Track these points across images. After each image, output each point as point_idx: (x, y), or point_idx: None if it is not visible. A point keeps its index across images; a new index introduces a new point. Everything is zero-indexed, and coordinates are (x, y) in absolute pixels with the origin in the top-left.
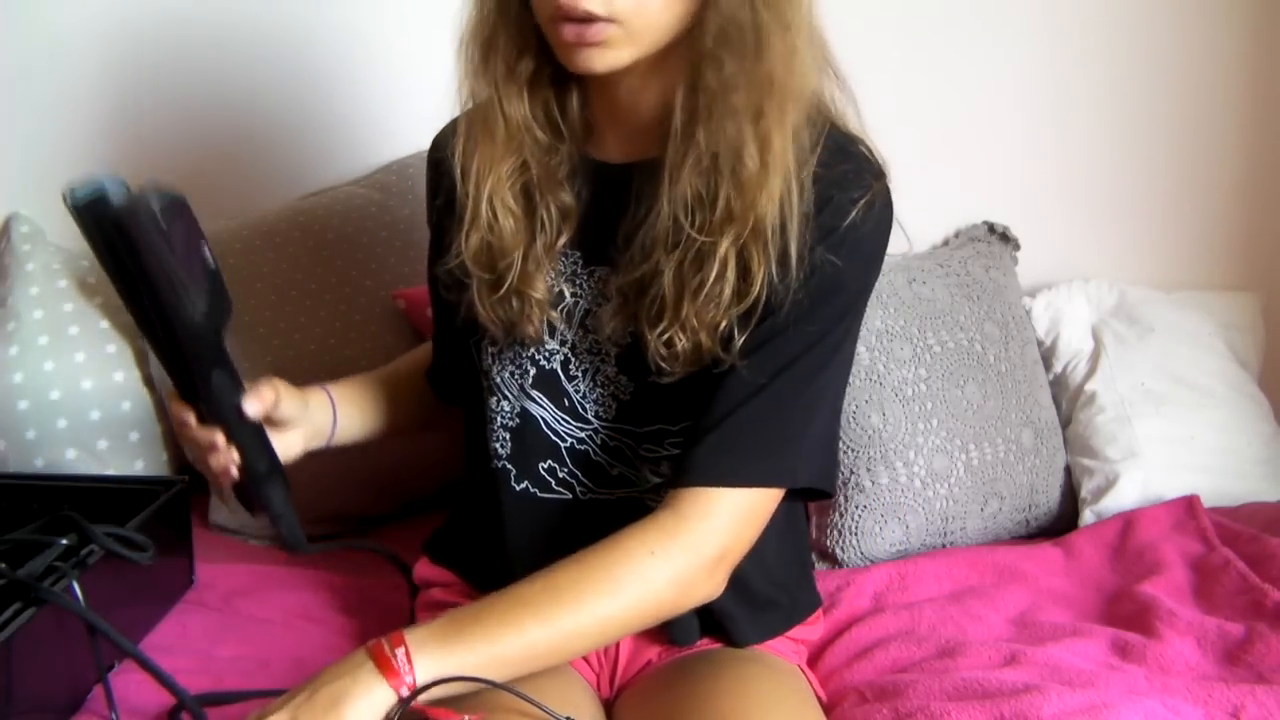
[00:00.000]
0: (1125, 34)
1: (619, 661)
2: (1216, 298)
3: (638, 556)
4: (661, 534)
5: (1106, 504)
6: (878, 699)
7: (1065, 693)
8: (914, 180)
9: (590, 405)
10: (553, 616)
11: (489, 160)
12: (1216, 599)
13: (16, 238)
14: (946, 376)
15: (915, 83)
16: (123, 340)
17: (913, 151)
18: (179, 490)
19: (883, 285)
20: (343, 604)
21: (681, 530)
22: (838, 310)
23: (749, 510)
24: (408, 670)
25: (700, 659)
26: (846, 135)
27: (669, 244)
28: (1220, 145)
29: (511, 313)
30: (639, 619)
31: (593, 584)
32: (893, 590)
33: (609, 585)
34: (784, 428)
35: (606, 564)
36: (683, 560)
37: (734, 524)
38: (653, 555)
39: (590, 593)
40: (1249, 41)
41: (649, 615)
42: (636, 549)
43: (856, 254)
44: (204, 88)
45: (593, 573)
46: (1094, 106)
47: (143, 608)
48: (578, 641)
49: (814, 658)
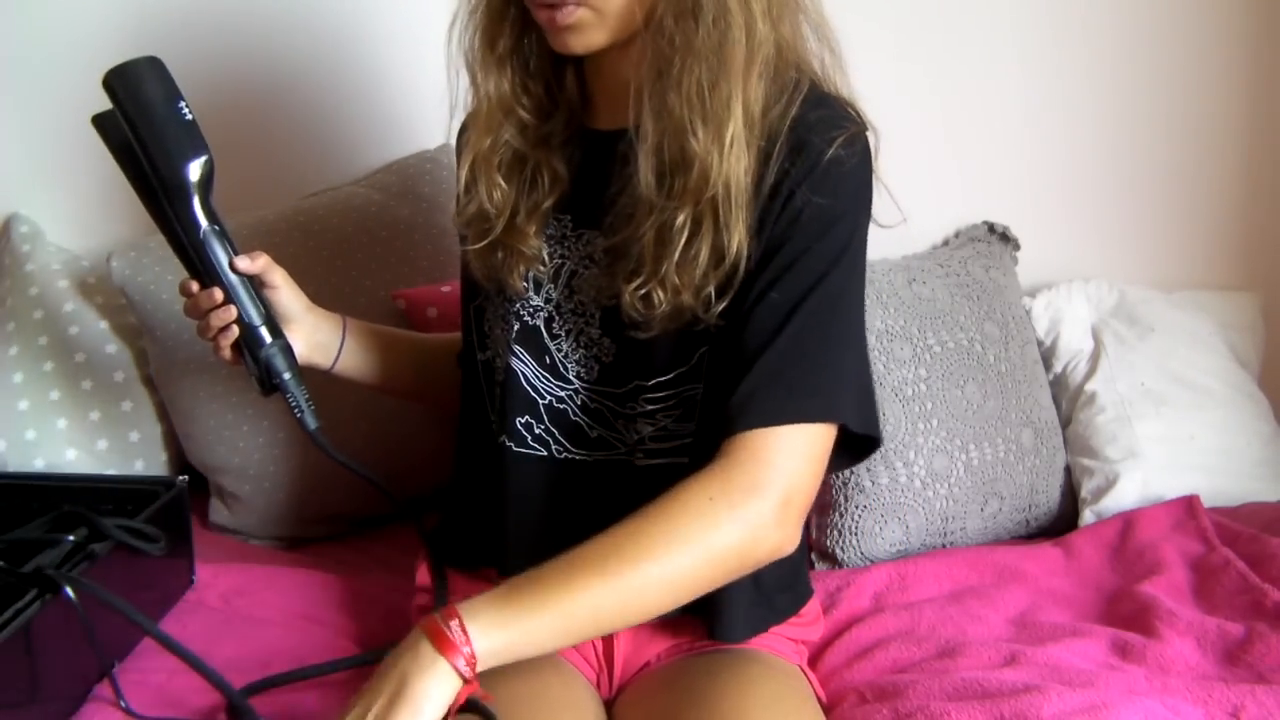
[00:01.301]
0: (1126, 34)
1: (616, 660)
2: (1216, 298)
3: (697, 504)
4: (716, 480)
5: (1106, 504)
6: (878, 699)
7: (1065, 693)
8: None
9: (572, 365)
10: (617, 572)
11: (477, 135)
12: (1216, 599)
13: (16, 238)
14: (946, 376)
15: (916, 83)
16: (122, 340)
17: (913, 151)
18: (179, 490)
19: (883, 285)
20: (343, 604)
21: (737, 473)
22: (838, 243)
23: (805, 448)
24: (464, 641)
25: (700, 660)
26: (829, 95)
27: (647, 208)
28: (1220, 145)
29: (496, 264)
30: (708, 569)
31: (655, 535)
32: (893, 590)
33: (672, 535)
34: (820, 365)
35: (666, 514)
36: (745, 503)
37: (792, 463)
38: (712, 501)
39: (654, 544)
40: (1249, 41)
41: (718, 565)
42: (694, 497)
43: (843, 188)
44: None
45: (653, 524)
46: (1094, 106)
47: (142, 608)
48: (645, 598)
49: (814, 658)
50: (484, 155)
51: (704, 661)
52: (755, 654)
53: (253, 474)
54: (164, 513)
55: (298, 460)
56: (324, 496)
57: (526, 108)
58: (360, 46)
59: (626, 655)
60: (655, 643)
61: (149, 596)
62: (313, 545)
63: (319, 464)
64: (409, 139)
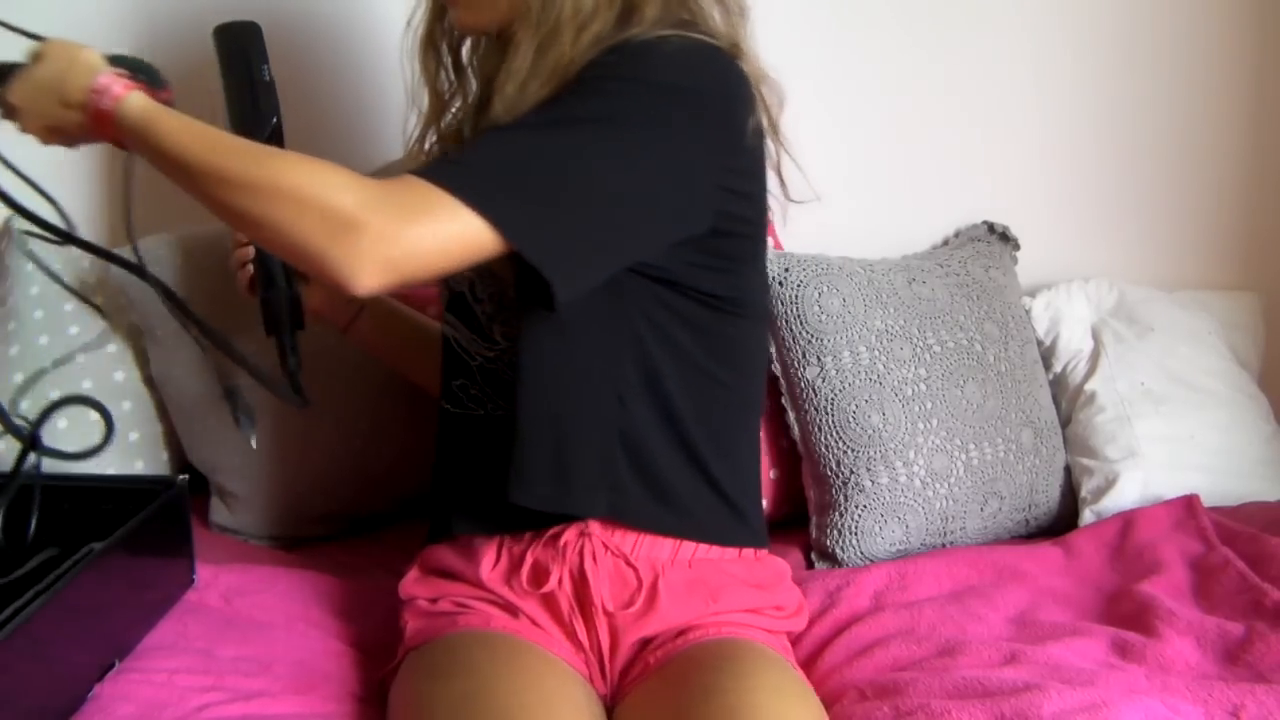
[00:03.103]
0: (1126, 34)
1: (604, 648)
2: (1216, 297)
3: (345, 180)
4: (376, 188)
5: (1106, 504)
6: (878, 696)
7: (1065, 691)
8: (914, 180)
9: (497, 327)
10: (246, 157)
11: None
12: (1216, 598)
13: (17, 238)
14: (946, 376)
15: (916, 82)
16: (123, 340)
17: (913, 151)
18: (179, 490)
19: (883, 285)
20: (343, 605)
21: (393, 201)
22: (611, 94)
23: (453, 229)
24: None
25: (695, 653)
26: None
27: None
28: (1220, 145)
29: None
30: (295, 217)
31: (298, 166)
32: (892, 589)
33: (308, 176)
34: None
35: (316, 164)
36: (368, 219)
37: (432, 235)
38: (356, 192)
39: (291, 169)
40: (1249, 41)
41: (307, 199)
42: (351, 179)
43: (637, 56)
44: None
45: (303, 161)
46: (1094, 106)
47: (143, 608)
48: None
49: (813, 655)
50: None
51: (700, 655)
52: (749, 645)
53: (253, 474)
54: (164, 513)
55: (297, 460)
56: (324, 496)
57: (467, 96)
58: (361, 45)
59: (609, 638)
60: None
61: (149, 596)
62: (312, 545)
63: (319, 464)
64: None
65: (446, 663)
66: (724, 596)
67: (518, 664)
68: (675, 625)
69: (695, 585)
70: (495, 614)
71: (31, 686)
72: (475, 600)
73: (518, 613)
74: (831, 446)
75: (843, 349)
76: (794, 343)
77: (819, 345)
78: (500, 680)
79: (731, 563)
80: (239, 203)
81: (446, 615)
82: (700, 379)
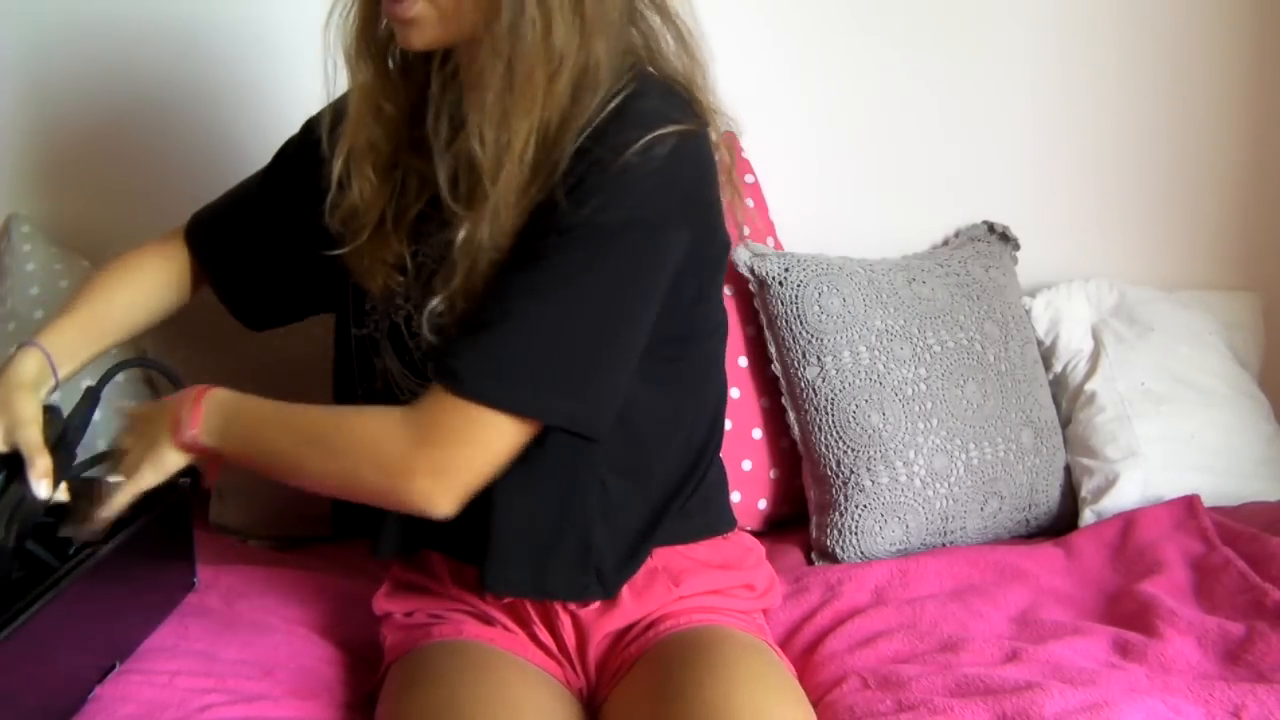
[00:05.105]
0: (1126, 34)
1: (571, 647)
2: (1217, 297)
3: (398, 442)
4: (414, 423)
5: (1106, 504)
6: (880, 687)
7: (1067, 691)
8: (914, 180)
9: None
10: (311, 443)
11: (352, 127)
12: (1217, 598)
13: (16, 238)
14: (946, 376)
15: (916, 82)
16: None
17: (913, 151)
18: (179, 492)
19: (883, 285)
20: (344, 607)
21: (442, 439)
22: (596, 243)
23: (504, 439)
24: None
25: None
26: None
27: (450, 214)
28: (1220, 145)
29: (361, 268)
30: (360, 491)
31: (353, 438)
32: (893, 586)
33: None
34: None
35: (367, 431)
36: (436, 473)
37: (487, 452)
38: (392, 431)
39: (348, 448)
40: (1249, 41)
41: (370, 494)
42: (400, 431)
43: (599, 187)
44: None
45: (352, 430)
46: (1094, 106)
47: (144, 609)
48: (317, 480)
49: (813, 643)
50: (360, 150)
51: (674, 648)
52: (723, 632)
53: (253, 474)
54: (164, 513)
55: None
56: (323, 496)
57: (399, 106)
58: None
59: (573, 635)
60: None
61: (151, 598)
62: (313, 546)
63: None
64: None
65: (419, 674)
66: (686, 581)
67: (486, 671)
68: (641, 616)
69: (654, 574)
70: (468, 623)
71: (32, 688)
72: (449, 610)
73: (492, 620)
74: (831, 446)
75: (843, 349)
76: (794, 343)
77: (819, 345)
78: (467, 688)
79: (693, 547)
80: (310, 475)
81: (421, 627)
82: (670, 415)
